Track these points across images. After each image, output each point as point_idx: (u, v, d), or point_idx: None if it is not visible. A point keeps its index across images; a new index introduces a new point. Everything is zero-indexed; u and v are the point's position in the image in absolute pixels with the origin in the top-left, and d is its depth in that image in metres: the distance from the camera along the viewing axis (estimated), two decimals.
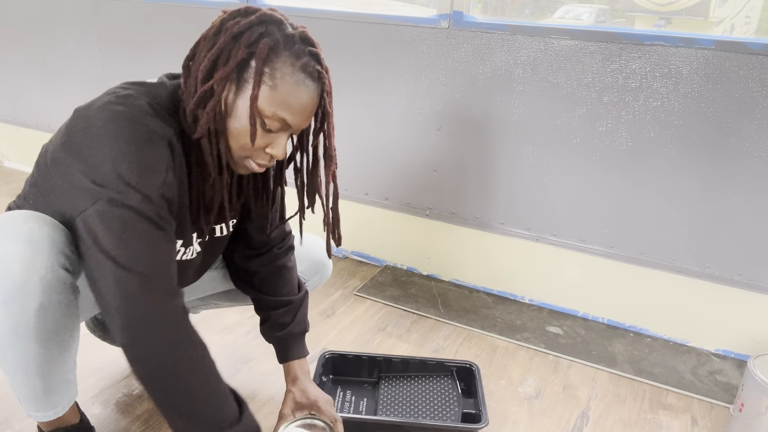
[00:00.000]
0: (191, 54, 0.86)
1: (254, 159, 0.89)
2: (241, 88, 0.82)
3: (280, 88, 0.82)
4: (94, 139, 0.79)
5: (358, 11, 1.80)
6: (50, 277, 0.81)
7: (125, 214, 0.78)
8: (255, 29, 0.82)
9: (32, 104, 2.59)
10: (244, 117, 0.83)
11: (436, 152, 1.80)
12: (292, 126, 0.87)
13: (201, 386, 0.84)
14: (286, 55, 0.82)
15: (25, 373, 0.88)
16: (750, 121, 1.42)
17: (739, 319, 1.56)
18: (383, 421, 1.19)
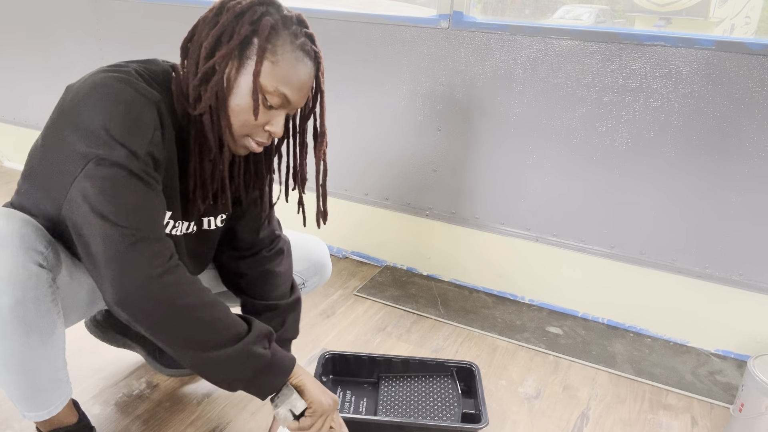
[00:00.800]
0: (189, 35, 0.89)
1: (253, 137, 0.91)
2: (243, 64, 0.85)
3: (281, 65, 0.85)
4: (82, 103, 0.81)
5: (358, 11, 1.80)
6: (20, 273, 0.81)
7: (112, 171, 0.79)
8: (257, 8, 0.85)
9: (32, 104, 2.59)
10: (246, 93, 0.85)
11: (436, 152, 1.80)
12: (291, 102, 0.89)
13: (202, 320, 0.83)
14: (285, 34, 0.86)
15: (8, 372, 0.88)
16: (750, 121, 1.42)
17: (739, 319, 1.56)
18: (383, 421, 1.19)
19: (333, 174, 1.98)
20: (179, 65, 0.90)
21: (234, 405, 1.26)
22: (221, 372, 0.87)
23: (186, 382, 1.33)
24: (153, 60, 0.92)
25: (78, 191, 0.79)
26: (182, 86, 0.88)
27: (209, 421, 1.21)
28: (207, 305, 0.84)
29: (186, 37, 0.89)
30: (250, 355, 0.87)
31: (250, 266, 1.14)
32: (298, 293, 1.20)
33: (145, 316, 0.80)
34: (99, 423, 1.18)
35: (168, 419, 1.21)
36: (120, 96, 0.81)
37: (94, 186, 0.78)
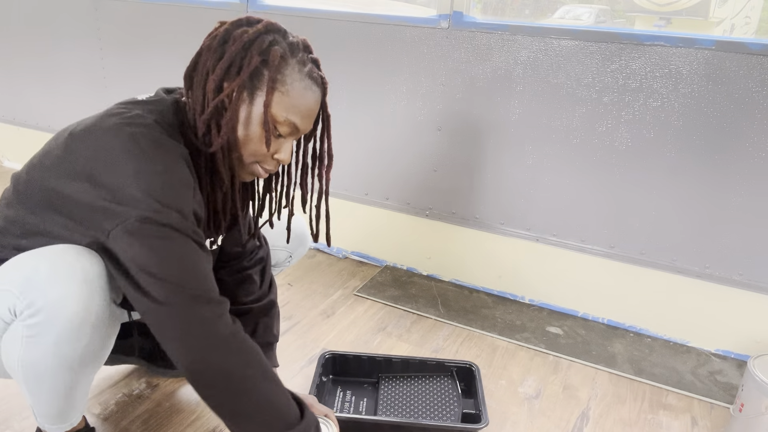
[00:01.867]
0: (193, 65, 0.86)
1: (262, 164, 0.90)
2: (253, 96, 0.83)
3: (291, 94, 0.84)
4: (111, 162, 0.77)
5: (358, 11, 1.80)
6: (103, 316, 0.83)
7: (163, 232, 0.76)
8: (264, 38, 0.84)
9: (32, 104, 2.59)
10: (257, 124, 0.84)
11: (436, 152, 1.80)
12: (300, 130, 0.89)
13: (264, 392, 0.84)
14: (293, 62, 0.85)
15: (55, 397, 0.88)
16: (750, 121, 1.42)
17: (739, 319, 1.56)
18: (383, 421, 1.19)
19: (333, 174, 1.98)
20: (184, 96, 0.89)
21: None
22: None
23: (186, 382, 1.33)
24: (158, 100, 0.88)
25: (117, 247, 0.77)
26: (188, 118, 0.87)
27: (209, 421, 1.21)
28: (265, 377, 0.84)
29: (189, 66, 0.87)
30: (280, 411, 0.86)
31: (229, 274, 1.15)
32: (273, 296, 1.21)
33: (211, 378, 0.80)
34: (99, 423, 1.18)
35: (168, 419, 1.21)
36: (156, 155, 0.79)
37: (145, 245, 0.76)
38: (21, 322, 0.79)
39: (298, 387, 1.32)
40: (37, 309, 0.77)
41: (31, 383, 0.85)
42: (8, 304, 0.78)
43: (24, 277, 0.78)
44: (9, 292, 0.78)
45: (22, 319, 0.79)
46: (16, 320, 0.80)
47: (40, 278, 0.77)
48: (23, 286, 0.77)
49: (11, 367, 0.84)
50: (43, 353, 0.81)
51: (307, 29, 1.86)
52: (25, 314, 0.78)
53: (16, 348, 0.81)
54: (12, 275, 0.79)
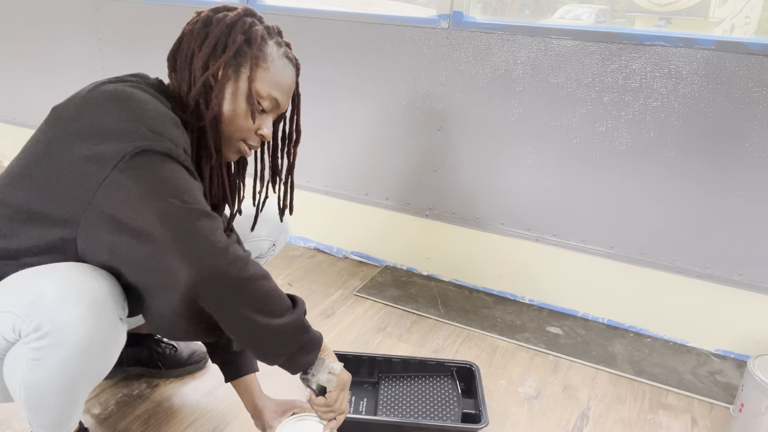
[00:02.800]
0: (176, 47, 0.93)
1: (247, 141, 0.95)
2: (238, 73, 0.89)
3: (271, 71, 0.91)
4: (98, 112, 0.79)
5: (358, 11, 1.80)
6: (111, 336, 0.83)
7: (154, 158, 0.77)
8: (245, 20, 0.90)
9: (32, 104, 2.59)
10: (242, 99, 0.90)
11: (436, 152, 1.80)
12: (281, 105, 0.95)
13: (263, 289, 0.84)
14: (272, 43, 0.92)
15: (55, 412, 0.87)
16: (750, 121, 1.42)
17: (739, 319, 1.56)
18: (383, 421, 1.19)
19: (333, 174, 1.99)
20: (168, 77, 0.94)
21: (234, 405, 1.26)
22: (272, 342, 0.87)
23: (186, 382, 1.33)
24: (140, 74, 0.93)
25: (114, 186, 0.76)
26: (174, 97, 0.91)
27: (209, 421, 1.21)
28: (264, 276, 0.85)
29: (172, 48, 0.93)
30: (302, 327, 0.89)
31: None
32: None
33: (220, 287, 0.79)
34: (99, 423, 1.18)
35: (168, 419, 1.21)
36: (144, 98, 0.82)
37: (136, 174, 0.76)
38: (26, 344, 0.77)
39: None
40: (44, 333, 0.76)
41: (33, 402, 0.84)
42: (12, 325, 0.77)
43: (29, 301, 0.76)
44: (12, 313, 0.76)
45: (27, 341, 0.77)
46: (21, 342, 0.78)
47: (47, 301, 0.76)
48: (28, 309, 0.76)
49: (13, 387, 0.83)
50: (48, 375, 0.79)
51: (307, 29, 1.86)
52: (31, 337, 0.76)
53: (19, 369, 0.80)
54: (15, 296, 0.77)
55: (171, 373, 1.34)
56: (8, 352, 0.81)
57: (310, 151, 2.00)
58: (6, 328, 0.77)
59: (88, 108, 0.80)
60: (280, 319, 0.85)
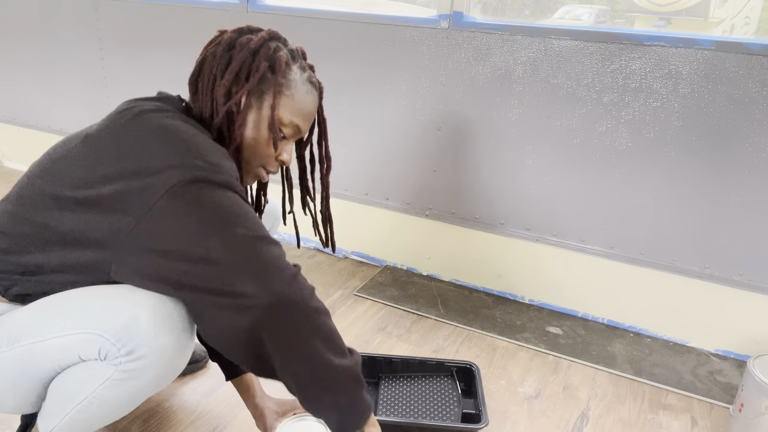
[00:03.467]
0: (197, 71, 0.89)
1: (266, 167, 0.94)
2: (261, 100, 0.87)
3: (295, 98, 0.89)
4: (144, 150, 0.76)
5: (358, 11, 1.80)
6: (188, 359, 0.86)
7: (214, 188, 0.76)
8: (270, 44, 0.88)
9: (32, 104, 2.59)
10: (263, 126, 0.88)
11: (436, 152, 1.80)
12: (302, 132, 0.94)
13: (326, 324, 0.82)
14: (296, 68, 0.90)
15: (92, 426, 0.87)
16: (750, 121, 1.42)
17: (739, 319, 1.56)
18: (383, 421, 1.19)
19: (333, 174, 1.99)
20: (190, 100, 0.91)
21: (234, 405, 1.26)
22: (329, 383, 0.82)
23: (186, 382, 1.33)
24: (168, 98, 0.90)
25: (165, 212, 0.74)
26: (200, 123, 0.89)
27: (209, 421, 1.21)
28: (327, 312, 0.83)
29: (194, 72, 0.89)
30: (358, 377, 0.85)
31: None
32: None
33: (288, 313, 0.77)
34: None
35: (168, 419, 1.21)
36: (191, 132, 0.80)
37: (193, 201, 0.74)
38: (114, 365, 0.78)
39: None
40: (138, 356, 0.77)
41: (82, 417, 0.83)
42: (99, 347, 0.77)
43: (123, 325, 0.77)
44: (100, 336, 0.77)
45: (116, 363, 0.78)
46: (104, 362, 0.79)
47: (142, 327, 0.77)
48: (121, 334, 0.76)
49: (69, 400, 0.82)
50: (124, 394, 0.81)
51: (307, 29, 1.86)
52: (121, 359, 0.78)
53: (90, 386, 0.80)
54: (103, 320, 0.77)
55: None
56: (74, 367, 0.81)
57: None
58: (89, 350, 0.78)
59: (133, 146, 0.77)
60: (341, 359, 0.82)
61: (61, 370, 0.82)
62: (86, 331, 0.77)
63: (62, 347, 0.79)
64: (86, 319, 0.78)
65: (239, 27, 0.90)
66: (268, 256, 0.77)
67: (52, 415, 0.85)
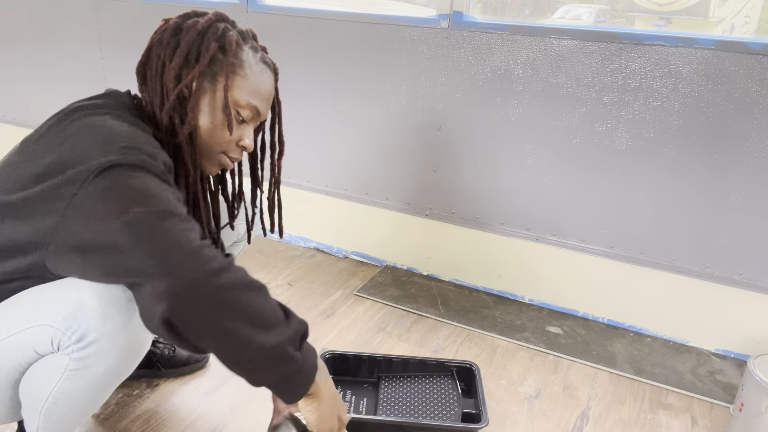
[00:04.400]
0: (144, 59, 0.87)
1: (228, 153, 0.90)
2: (213, 82, 0.84)
3: (249, 77, 0.86)
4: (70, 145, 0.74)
5: (358, 11, 1.80)
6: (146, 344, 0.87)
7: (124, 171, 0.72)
8: (218, 25, 0.85)
9: (32, 104, 2.59)
10: (219, 110, 0.85)
11: (436, 152, 1.80)
12: (261, 114, 0.90)
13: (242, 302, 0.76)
14: (247, 48, 0.87)
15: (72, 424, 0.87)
16: (750, 121, 1.42)
17: (739, 319, 1.56)
18: (383, 421, 1.19)
19: (333, 174, 1.99)
20: (139, 91, 0.88)
21: (234, 405, 1.26)
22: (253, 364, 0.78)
23: (186, 382, 1.33)
24: (111, 93, 0.88)
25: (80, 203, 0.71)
26: (148, 113, 0.86)
27: (209, 421, 1.21)
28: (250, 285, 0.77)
29: (140, 60, 0.87)
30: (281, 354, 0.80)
31: None
32: None
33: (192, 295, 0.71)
34: (99, 423, 1.18)
35: (168, 419, 1.21)
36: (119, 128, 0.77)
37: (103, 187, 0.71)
38: (67, 355, 0.77)
39: None
40: (88, 342, 0.76)
41: (55, 414, 0.82)
42: (50, 338, 0.76)
43: (70, 313, 0.75)
44: (50, 327, 0.75)
45: (68, 352, 0.76)
46: (58, 353, 0.77)
47: (89, 311, 0.75)
48: (69, 321, 0.75)
49: (36, 399, 0.81)
50: (85, 384, 0.79)
51: (307, 29, 1.86)
52: (72, 348, 0.76)
53: (51, 381, 0.79)
54: (49, 310, 0.76)
55: (171, 373, 1.34)
56: (34, 365, 0.79)
57: (310, 151, 2.00)
58: (42, 342, 0.76)
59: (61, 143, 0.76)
60: (264, 334, 0.76)
61: (24, 369, 0.80)
62: (37, 323, 0.76)
63: (17, 344, 0.77)
64: (36, 312, 0.77)
65: (185, 12, 0.88)
66: (166, 232, 0.71)
67: (29, 418, 0.84)
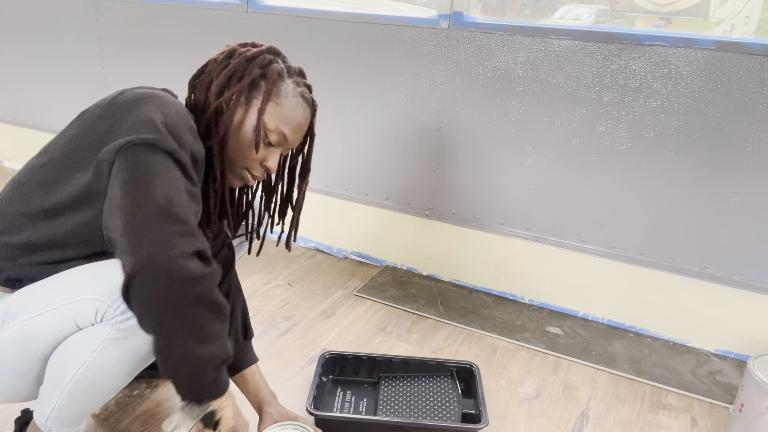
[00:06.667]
0: (198, 73, 0.97)
1: (250, 170, 0.98)
2: (249, 104, 0.93)
3: (283, 106, 0.94)
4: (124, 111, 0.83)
5: (358, 11, 1.80)
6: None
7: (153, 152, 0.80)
8: (266, 56, 0.95)
9: (32, 104, 2.59)
10: (250, 129, 0.93)
11: (436, 152, 1.80)
12: (289, 141, 0.98)
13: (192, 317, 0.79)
14: (289, 81, 0.96)
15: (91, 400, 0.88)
16: (750, 121, 1.42)
17: (739, 319, 1.56)
18: (383, 421, 1.19)
19: (333, 174, 1.99)
20: (185, 101, 0.97)
21: None
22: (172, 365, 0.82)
23: None
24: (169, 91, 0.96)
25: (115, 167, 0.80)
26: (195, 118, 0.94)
27: None
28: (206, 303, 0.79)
29: (195, 74, 0.98)
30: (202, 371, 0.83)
31: None
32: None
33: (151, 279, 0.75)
34: (99, 423, 1.19)
35: None
36: (172, 101, 0.87)
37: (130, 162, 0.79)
38: (111, 325, 0.81)
39: (298, 387, 1.33)
40: (131, 315, 0.80)
41: (79, 389, 0.84)
42: (96, 309, 0.81)
43: (116, 286, 0.80)
44: (97, 300, 0.81)
45: (112, 323, 0.81)
46: (100, 324, 0.81)
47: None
48: (116, 294, 0.80)
49: (66, 371, 0.83)
50: (120, 354, 0.83)
51: (307, 29, 1.86)
52: (118, 319, 0.81)
53: (87, 350, 0.82)
54: (97, 286, 0.82)
55: None
56: (70, 337, 0.83)
57: None
58: (87, 315, 0.81)
59: (116, 109, 0.85)
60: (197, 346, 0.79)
61: (58, 343, 0.84)
62: (83, 297, 0.81)
63: (59, 318, 0.82)
64: (80, 288, 0.82)
65: (245, 41, 0.98)
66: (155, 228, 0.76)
67: (49, 397, 0.86)
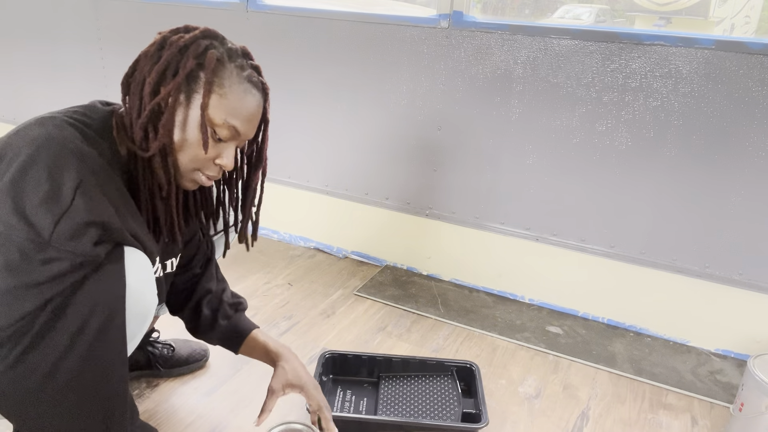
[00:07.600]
0: (131, 71, 0.87)
1: (204, 171, 0.88)
2: (190, 98, 0.83)
3: (229, 97, 0.84)
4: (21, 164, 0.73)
5: (358, 11, 1.80)
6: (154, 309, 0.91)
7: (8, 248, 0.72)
8: (200, 42, 0.83)
9: (32, 104, 2.59)
10: (194, 127, 0.83)
11: (436, 152, 1.80)
12: (242, 134, 0.87)
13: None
14: (231, 66, 0.84)
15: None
16: (750, 121, 1.42)
17: (739, 319, 1.56)
18: (383, 421, 1.19)
19: (333, 174, 1.99)
20: (120, 103, 0.88)
21: (234, 406, 1.26)
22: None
23: (186, 381, 1.33)
24: (91, 106, 0.88)
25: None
26: (125, 125, 0.85)
27: (209, 421, 1.21)
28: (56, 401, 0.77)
29: (127, 72, 0.87)
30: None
31: (183, 281, 1.15)
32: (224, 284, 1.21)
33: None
34: None
35: (168, 419, 1.21)
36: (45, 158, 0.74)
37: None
38: None
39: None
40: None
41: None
42: None
43: None
44: None
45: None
46: None
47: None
48: None
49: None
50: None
51: (307, 29, 1.86)
52: None
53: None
54: None
55: (171, 373, 1.34)
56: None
57: (310, 151, 2.00)
58: None
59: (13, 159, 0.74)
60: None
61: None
62: None
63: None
64: None
65: (177, 27, 0.87)
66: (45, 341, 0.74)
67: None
